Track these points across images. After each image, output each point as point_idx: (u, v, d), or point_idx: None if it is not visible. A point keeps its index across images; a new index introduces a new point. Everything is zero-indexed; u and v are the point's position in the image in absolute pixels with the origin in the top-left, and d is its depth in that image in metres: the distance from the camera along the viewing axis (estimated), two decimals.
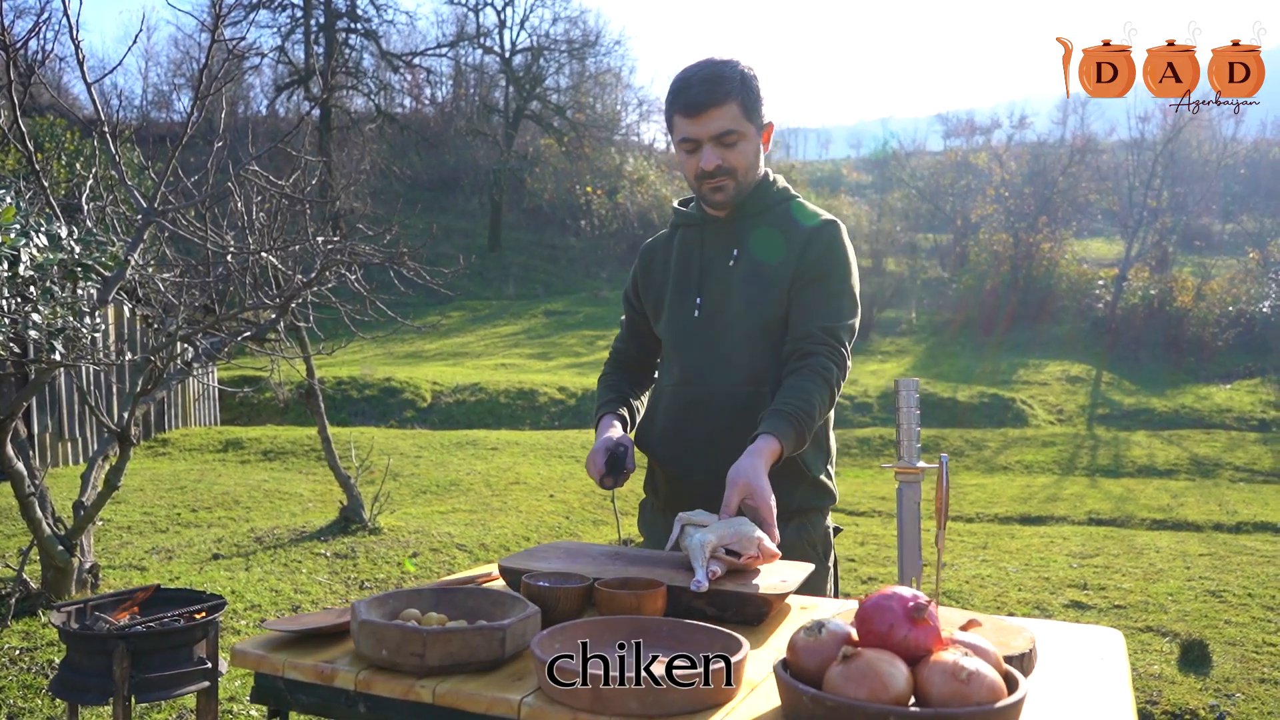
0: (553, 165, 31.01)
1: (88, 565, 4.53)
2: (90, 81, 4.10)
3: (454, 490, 8.16)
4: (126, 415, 4.34)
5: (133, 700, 2.43)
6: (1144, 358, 18.60)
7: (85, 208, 4.42)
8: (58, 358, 3.38)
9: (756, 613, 1.51)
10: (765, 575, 1.61)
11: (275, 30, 28.75)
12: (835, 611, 1.47)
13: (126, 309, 8.64)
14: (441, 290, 6.27)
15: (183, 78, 30.76)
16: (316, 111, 26.09)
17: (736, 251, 2.05)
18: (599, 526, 7.40)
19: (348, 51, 29.69)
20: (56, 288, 3.36)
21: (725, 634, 1.28)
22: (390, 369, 15.15)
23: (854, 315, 1.98)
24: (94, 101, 4.13)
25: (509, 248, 28.97)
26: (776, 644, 1.43)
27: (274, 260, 5.08)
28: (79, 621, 2.59)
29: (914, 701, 1.02)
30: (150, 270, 4.79)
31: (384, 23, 30.88)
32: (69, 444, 8.94)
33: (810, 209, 2.08)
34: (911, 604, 1.07)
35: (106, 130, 4.15)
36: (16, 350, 3.80)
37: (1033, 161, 26.06)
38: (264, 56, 27.84)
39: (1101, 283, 21.55)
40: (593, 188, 29.36)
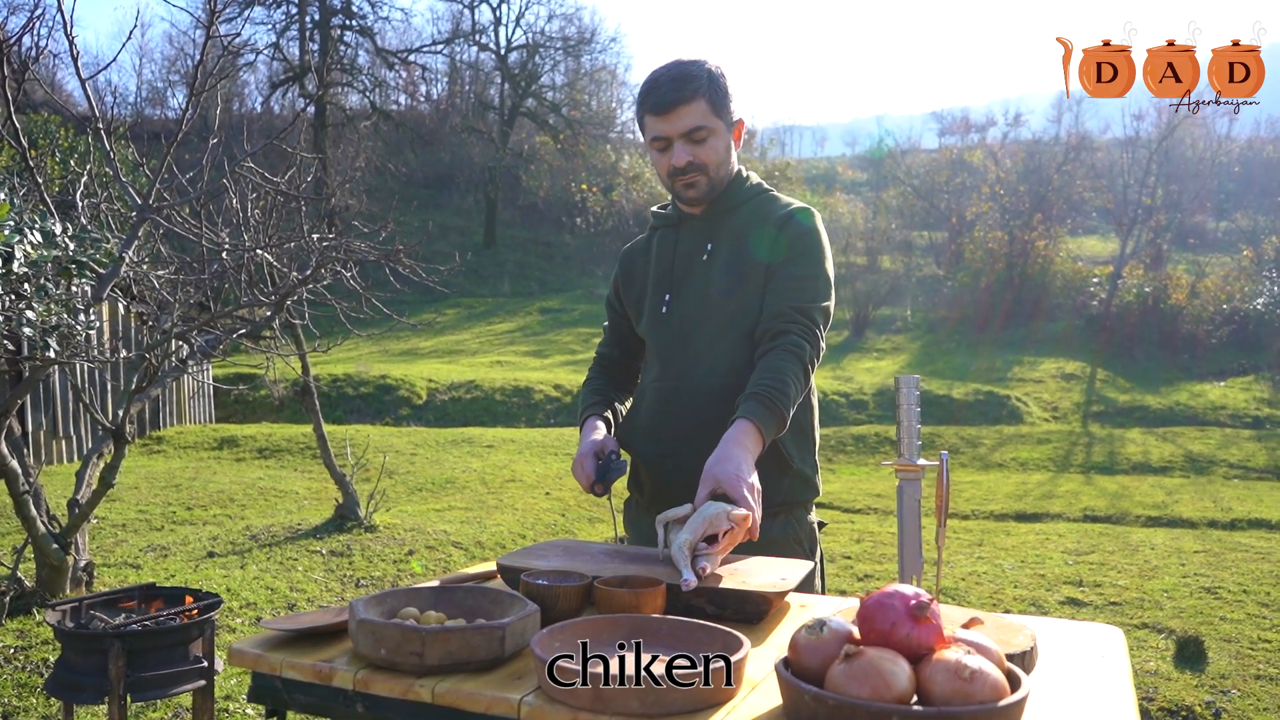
0: (548, 163, 31.00)
1: (82, 563, 4.51)
2: (84, 78, 4.08)
3: (450, 488, 8.15)
4: (121, 413, 4.33)
5: (128, 699, 2.42)
6: (1138, 355, 18.65)
7: (80, 204, 4.40)
8: (52, 355, 3.37)
9: (756, 611, 1.50)
10: (764, 573, 1.60)
11: (270, 27, 28.74)
12: (835, 610, 1.46)
13: (121, 306, 8.61)
14: (437, 288, 6.26)
15: (177, 74, 30.71)
16: (311, 108, 26.04)
17: (711, 246, 2.06)
18: (595, 524, 7.40)
19: (343, 48, 29.66)
20: (51, 285, 3.34)
21: (725, 632, 1.27)
22: (385, 366, 15.13)
23: (828, 298, 1.97)
24: (88, 98, 4.11)
25: (504, 245, 28.96)
26: (776, 642, 1.42)
27: (269, 257, 5.07)
28: (74, 620, 2.58)
29: (916, 700, 1.01)
30: (145, 267, 4.77)
31: (379, 19, 30.83)
32: (64, 442, 8.91)
33: (784, 200, 2.09)
34: (914, 602, 1.06)
35: (101, 127, 4.13)
36: (11, 347, 3.79)
37: (1028, 159, 26.13)
38: (259, 53, 27.81)
39: (1096, 280, 21.60)
40: (588, 185, 29.35)
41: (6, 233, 3.11)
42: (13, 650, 3.83)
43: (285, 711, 1.36)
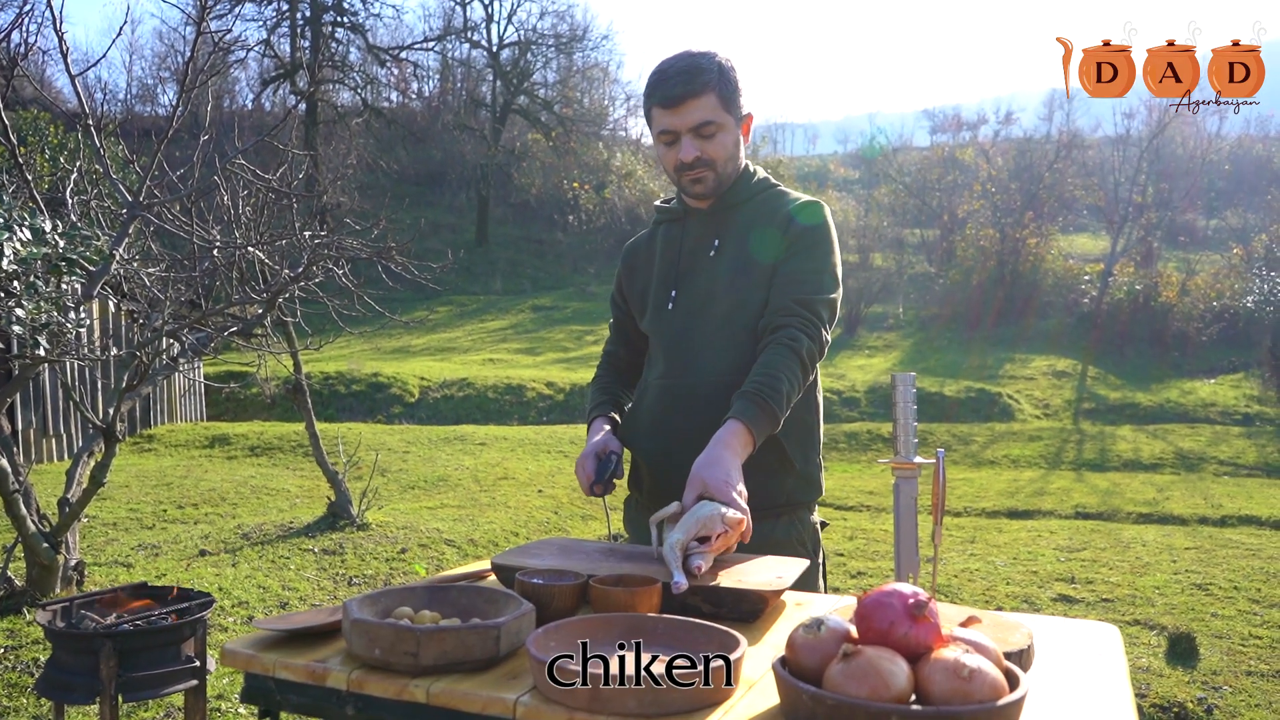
0: (540, 160, 30.95)
1: (73, 562, 4.49)
2: (74, 74, 4.05)
3: (442, 486, 8.14)
4: (112, 411, 4.30)
5: (119, 699, 2.41)
6: (1129, 352, 18.71)
7: (69, 202, 4.38)
8: (42, 353, 3.35)
9: (752, 609, 1.49)
10: (761, 571, 1.60)
11: (261, 24, 28.62)
12: (832, 608, 1.46)
13: (111, 304, 8.57)
14: (429, 285, 6.24)
15: (168, 71, 30.58)
16: (303, 105, 25.96)
17: (718, 241, 2.03)
18: (588, 521, 7.39)
19: (334, 45, 29.55)
20: (40, 282, 3.32)
21: (722, 631, 1.26)
22: (378, 364, 15.10)
23: (834, 290, 1.94)
24: (78, 95, 4.08)
25: (496, 243, 28.91)
26: (773, 641, 1.42)
27: (261, 255, 5.04)
28: (65, 620, 2.56)
29: (915, 700, 1.01)
30: (135, 265, 4.74)
31: (370, 16, 30.74)
32: (54, 440, 8.87)
33: (792, 194, 2.06)
34: (912, 601, 1.06)
35: (91, 123, 4.11)
36: (0, 345, 3.76)
37: (1019, 157, 26.20)
38: (249, 50, 27.71)
39: (1087, 278, 21.67)
40: (580, 183, 29.32)
41: None
42: (3, 650, 3.81)
43: (278, 712, 1.36)
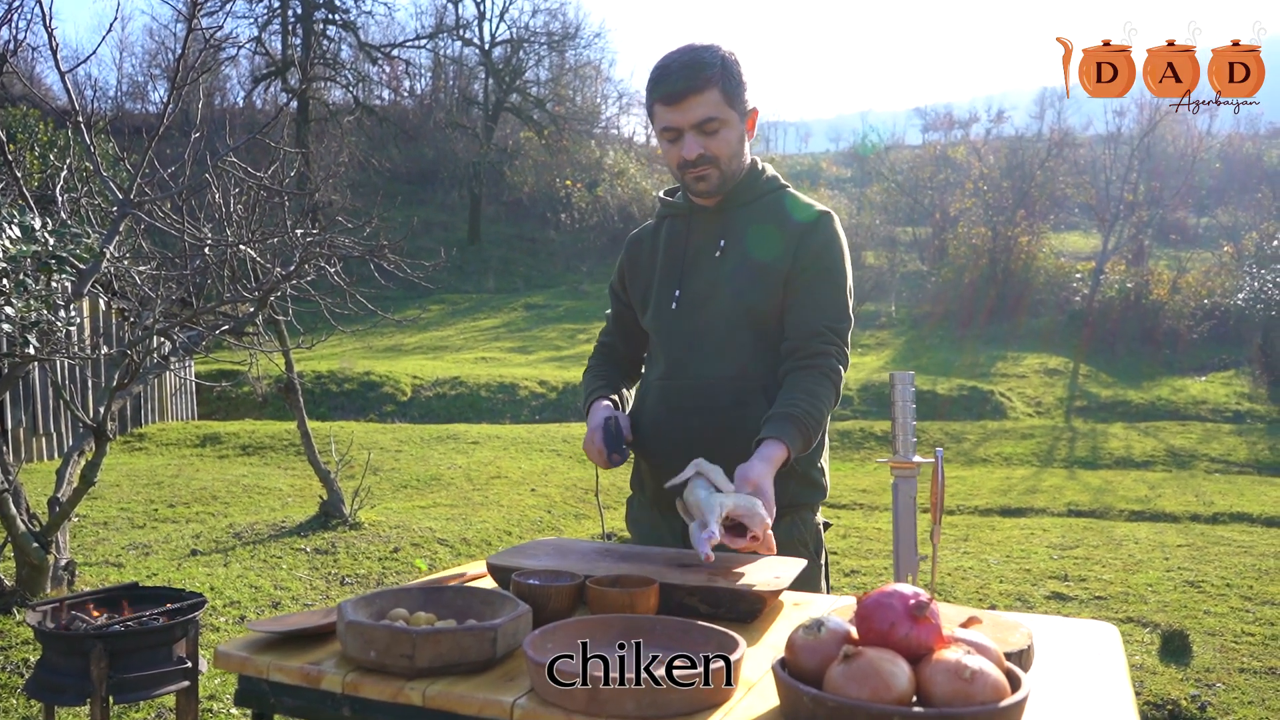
0: (532, 158, 30.91)
1: (63, 562, 4.46)
2: (64, 71, 4.02)
3: (435, 485, 8.12)
4: (102, 410, 4.28)
5: (110, 701, 2.39)
6: (1120, 350, 18.76)
7: (60, 199, 4.35)
8: (32, 351, 3.32)
9: (750, 609, 1.49)
10: (759, 571, 1.59)
11: (252, 21, 28.51)
12: (830, 608, 1.45)
13: (102, 302, 8.53)
14: (421, 283, 6.22)
15: (158, 68, 30.48)
16: (294, 103, 25.86)
17: (724, 242, 2.00)
18: (581, 520, 7.38)
19: (325, 43, 29.47)
20: (30, 280, 3.30)
21: (720, 632, 1.26)
22: (370, 363, 15.06)
23: (850, 311, 1.98)
24: (68, 92, 4.06)
25: (488, 241, 28.86)
26: (771, 641, 1.41)
27: (252, 253, 5.02)
28: (55, 620, 2.54)
29: (917, 701, 1.00)
30: (126, 263, 4.72)
31: (362, 14, 30.67)
32: (44, 439, 8.82)
33: (803, 201, 2.03)
34: (913, 602, 1.05)
35: (81, 121, 4.08)
36: None
37: (1010, 155, 26.22)
38: (241, 47, 27.60)
39: (1079, 276, 21.72)
40: (573, 181, 29.28)
41: None
42: None
43: (272, 715, 1.34)
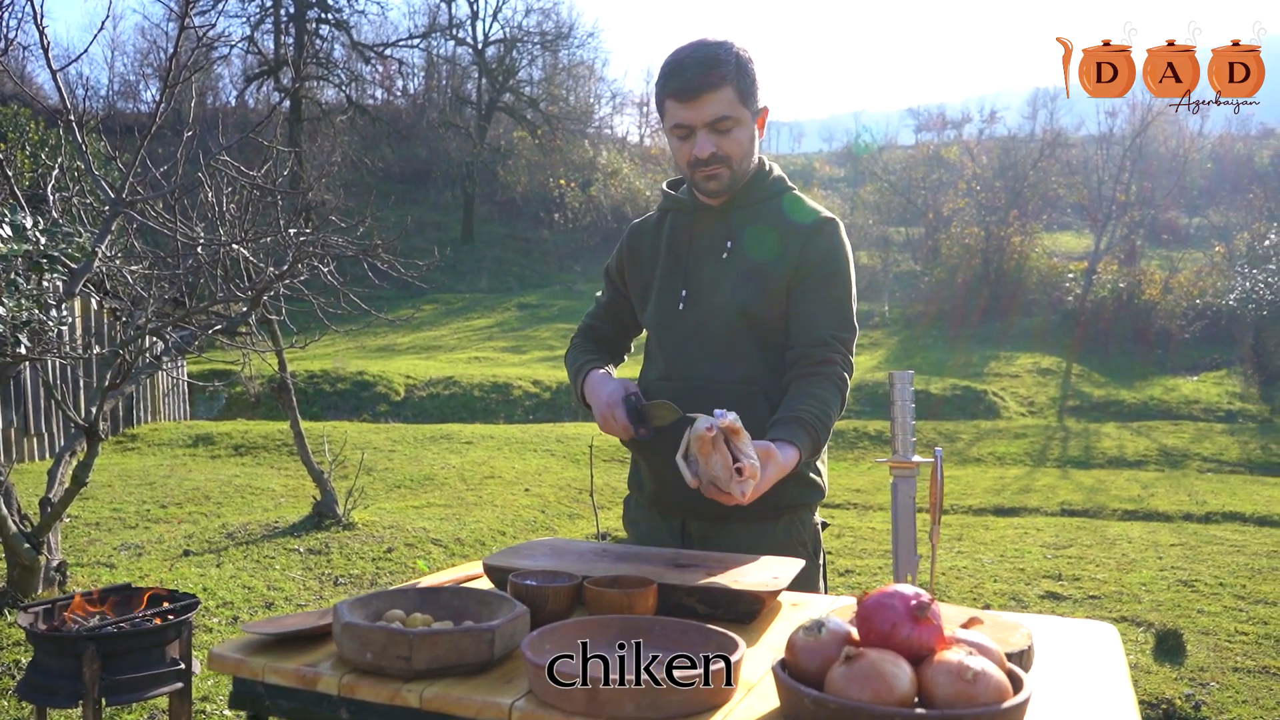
0: (525, 158, 30.87)
1: (55, 563, 4.44)
2: (55, 70, 4.00)
3: (428, 485, 8.10)
4: (94, 410, 4.25)
5: (103, 702, 2.37)
6: (1113, 350, 18.80)
7: (51, 198, 4.32)
8: (23, 351, 3.30)
9: (748, 610, 1.48)
10: (757, 571, 1.58)
11: (245, 20, 28.43)
12: (829, 609, 1.44)
13: (94, 302, 8.48)
14: (415, 283, 6.20)
15: (150, 67, 30.37)
16: (287, 102, 25.80)
17: (730, 244, 1.98)
18: (575, 520, 7.37)
19: (318, 42, 29.39)
20: (21, 280, 3.28)
21: (719, 633, 1.25)
22: (363, 362, 15.03)
23: (855, 319, 1.98)
24: (59, 90, 4.04)
25: (482, 241, 28.82)
26: (770, 642, 1.40)
27: (245, 252, 5.00)
28: (47, 622, 2.52)
29: (918, 703, 0.99)
30: (118, 262, 4.69)
31: (355, 13, 30.57)
32: (35, 439, 8.77)
33: (807, 204, 2.02)
34: (914, 602, 1.04)
35: (72, 119, 4.06)
36: None
37: (1003, 155, 26.29)
38: (233, 46, 27.52)
39: (1071, 276, 21.75)
40: (566, 181, 29.26)
41: None
42: None
43: (267, 717, 1.33)
